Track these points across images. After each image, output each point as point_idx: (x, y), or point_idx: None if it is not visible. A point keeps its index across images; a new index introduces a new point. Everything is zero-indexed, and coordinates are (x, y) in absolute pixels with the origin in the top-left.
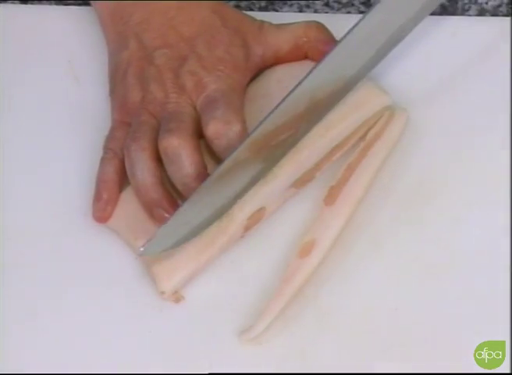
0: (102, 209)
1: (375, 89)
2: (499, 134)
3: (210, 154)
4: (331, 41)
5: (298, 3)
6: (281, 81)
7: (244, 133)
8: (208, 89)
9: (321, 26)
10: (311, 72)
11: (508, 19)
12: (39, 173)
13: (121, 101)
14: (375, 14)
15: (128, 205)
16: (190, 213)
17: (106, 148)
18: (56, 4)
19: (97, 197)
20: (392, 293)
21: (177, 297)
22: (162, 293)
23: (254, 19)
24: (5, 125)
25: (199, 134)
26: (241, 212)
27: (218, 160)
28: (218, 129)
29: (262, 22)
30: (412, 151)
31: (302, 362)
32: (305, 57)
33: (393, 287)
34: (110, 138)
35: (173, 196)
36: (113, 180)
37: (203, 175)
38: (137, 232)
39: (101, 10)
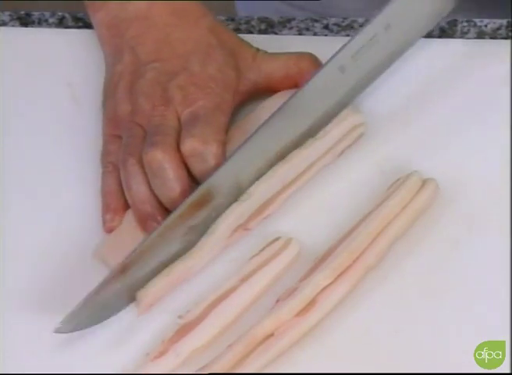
0: (111, 219)
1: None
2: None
3: None
4: None
5: (297, 26)
6: (271, 111)
7: (220, 155)
8: (194, 105)
9: (312, 58)
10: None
11: (507, 41)
12: (38, 194)
13: (111, 114)
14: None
15: (119, 239)
16: (105, 294)
17: (105, 162)
18: (56, 27)
19: (105, 208)
20: (392, 316)
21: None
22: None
23: (249, 45)
24: (4, 147)
25: None
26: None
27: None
28: (194, 147)
29: (257, 49)
30: None
31: None
32: (296, 86)
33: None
34: (105, 153)
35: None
36: (117, 191)
37: (187, 189)
38: None
39: (99, 24)
